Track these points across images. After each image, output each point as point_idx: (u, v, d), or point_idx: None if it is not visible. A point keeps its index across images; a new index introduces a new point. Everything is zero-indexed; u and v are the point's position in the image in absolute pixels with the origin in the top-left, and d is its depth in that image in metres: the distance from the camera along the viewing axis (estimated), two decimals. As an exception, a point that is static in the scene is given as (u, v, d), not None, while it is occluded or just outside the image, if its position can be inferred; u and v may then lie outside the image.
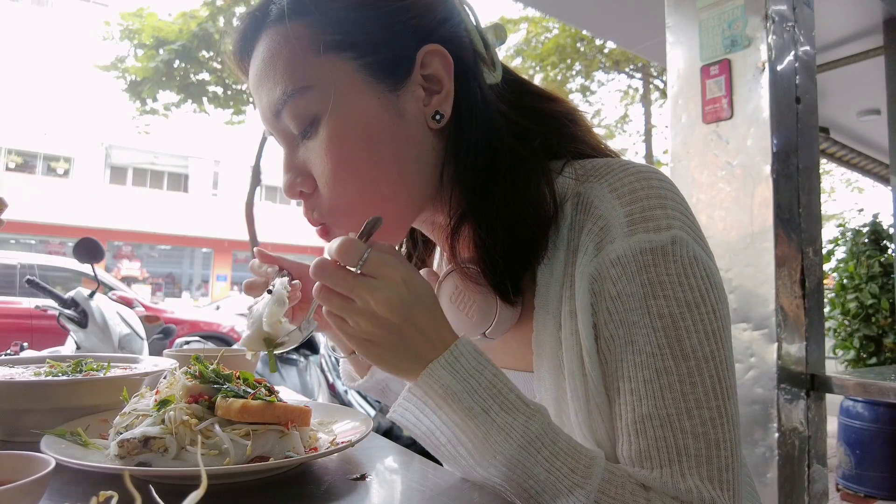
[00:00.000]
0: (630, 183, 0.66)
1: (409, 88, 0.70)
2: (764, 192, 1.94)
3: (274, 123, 0.72)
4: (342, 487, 0.65)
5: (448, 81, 0.70)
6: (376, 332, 0.61)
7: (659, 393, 0.61)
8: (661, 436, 0.61)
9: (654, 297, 0.62)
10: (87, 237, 2.14)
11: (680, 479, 0.60)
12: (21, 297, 6.62)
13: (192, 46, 9.32)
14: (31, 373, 0.86)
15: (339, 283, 0.60)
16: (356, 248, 0.60)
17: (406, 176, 0.71)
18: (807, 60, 2.08)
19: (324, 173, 0.69)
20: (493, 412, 0.60)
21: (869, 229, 4.94)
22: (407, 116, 0.70)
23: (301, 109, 0.68)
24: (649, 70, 12.69)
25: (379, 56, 0.69)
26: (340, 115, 0.68)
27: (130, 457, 0.61)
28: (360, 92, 0.68)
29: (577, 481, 0.59)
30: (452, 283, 0.77)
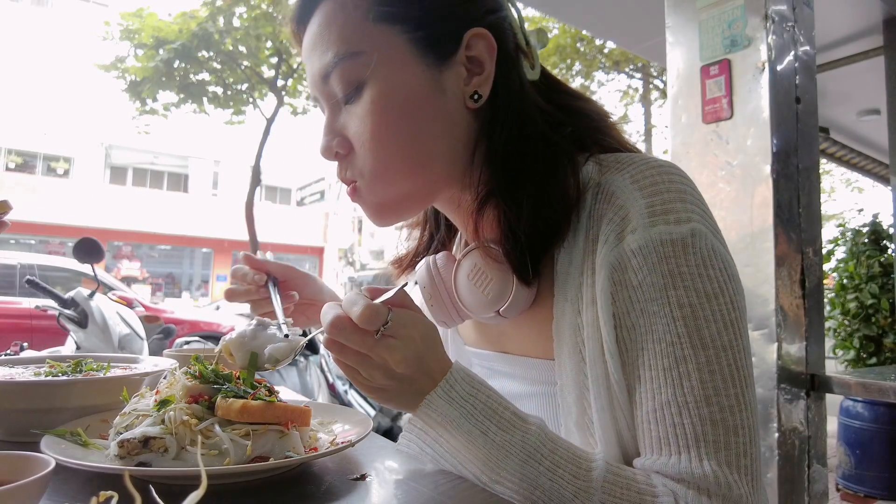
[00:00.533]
0: (651, 176, 0.68)
1: (452, 67, 0.73)
2: (764, 192, 1.94)
3: (321, 87, 0.75)
4: (342, 487, 0.65)
5: (490, 65, 0.74)
6: (390, 384, 0.64)
7: (678, 381, 0.63)
8: (679, 422, 0.62)
9: (674, 287, 0.64)
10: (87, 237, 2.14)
11: (698, 464, 0.61)
12: (21, 297, 6.62)
13: (191, 46, 9.33)
14: (31, 373, 0.86)
15: (357, 343, 0.62)
16: (380, 316, 0.61)
17: (439, 148, 0.74)
18: (807, 60, 2.08)
19: (362, 135, 0.72)
20: (491, 433, 0.63)
21: (869, 229, 4.94)
22: (447, 92, 0.73)
23: (349, 74, 0.72)
24: (649, 70, 12.69)
25: (428, 32, 0.72)
26: (385, 82, 0.71)
27: (130, 457, 0.61)
28: (405, 63, 0.71)
29: (580, 486, 0.61)
30: (472, 261, 0.78)
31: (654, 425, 0.64)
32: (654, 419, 0.64)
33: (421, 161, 0.73)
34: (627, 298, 0.66)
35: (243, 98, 10.36)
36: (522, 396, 0.81)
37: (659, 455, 0.64)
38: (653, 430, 0.64)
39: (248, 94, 10.33)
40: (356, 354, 0.63)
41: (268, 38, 9.51)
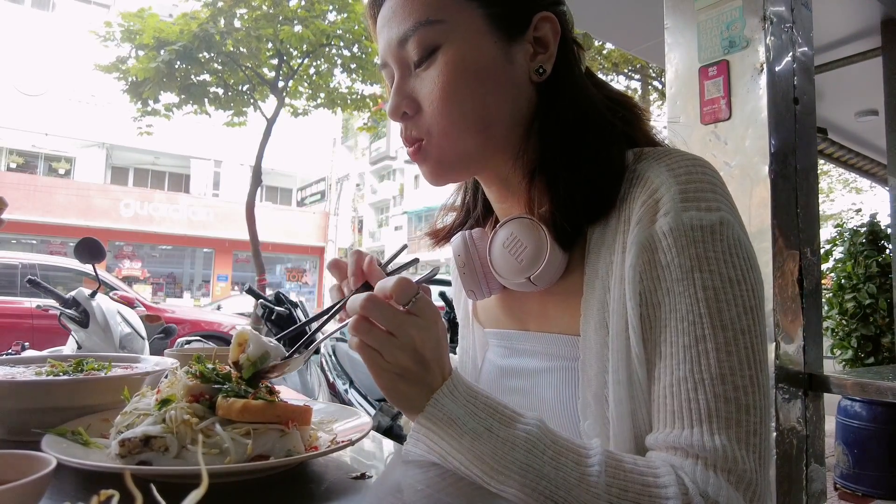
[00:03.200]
0: (685, 166, 0.72)
1: (520, 43, 0.79)
2: (762, 193, 1.94)
3: (397, 52, 0.79)
4: (342, 486, 0.66)
5: (553, 47, 0.80)
6: (411, 368, 0.65)
7: (696, 358, 0.65)
8: (693, 397, 0.65)
9: (700, 269, 0.67)
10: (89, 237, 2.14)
11: (709, 438, 0.63)
12: (22, 296, 6.62)
13: (192, 47, 9.32)
14: (32, 372, 0.87)
15: (389, 318, 0.64)
16: (411, 288, 0.64)
17: (502, 114, 0.79)
18: (805, 61, 2.08)
19: (432, 95, 0.77)
20: (495, 429, 0.65)
21: (867, 229, 4.94)
22: (515, 64, 0.79)
23: (426, 39, 0.76)
24: (648, 71, 12.67)
25: (502, 10, 0.78)
26: (459, 48, 0.76)
27: (131, 456, 0.61)
28: (479, 34, 0.77)
29: (583, 472, 0.63)
30: (509, 230, 0.83)
31: (670, 399, 0.66)
32: (670, 393, 0.66)
33: (485, 123, 0.78)
34: (655, 277, 0.69)
35: (244, 99, 10.34)
36: (541, 371, 0.83)
37: (671, 429, 0.66)
38: (667, 404, 0.67)
39: (249, 95, 10.32)
40: (383, 334, 0.64)
41: (269, 40, 9.50)
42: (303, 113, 11.15)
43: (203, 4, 9.68)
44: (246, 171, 20.05)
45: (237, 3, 9.47)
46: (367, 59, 10.06)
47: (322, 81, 10.56)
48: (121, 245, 21.38)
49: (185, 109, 10.36)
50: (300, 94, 10.82)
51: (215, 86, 10.16)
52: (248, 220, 9.71)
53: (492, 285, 0.87)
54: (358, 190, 35.88)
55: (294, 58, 10.04)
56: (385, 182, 36.12)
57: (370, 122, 12.21)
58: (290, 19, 9.57)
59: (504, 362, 0.91)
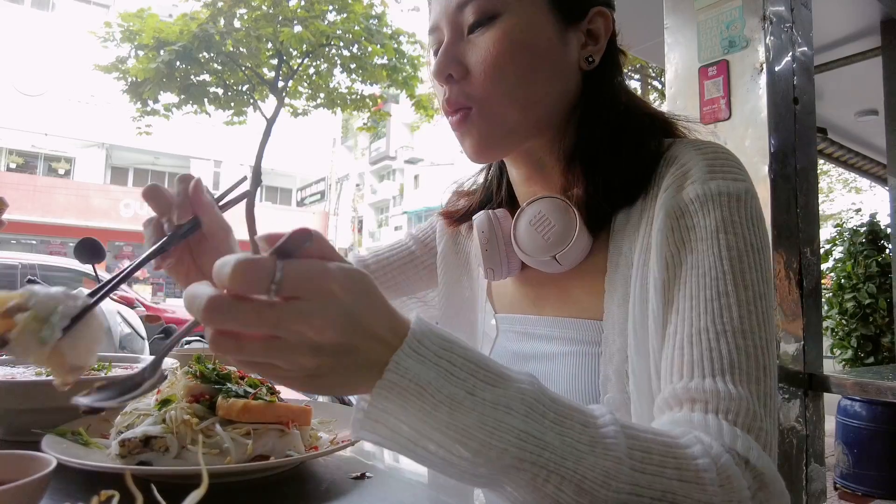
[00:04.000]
0: (713, 146, 0.75)
1: (574, 31, 0.81)
2: (762, 193, 1.94)
3: (453, 14, 0.79)
4: (343, 486, 0.66)
5: (603, 41, 0.82)
6: (323, 363, 0.46)
7: (718, 311, 0.65)
8: (715, 347, 0.63)
9: (724, 231, 0.68)
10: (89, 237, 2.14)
11: (733, 387, 0.60)
12: (22, 297, 6.60)
13: (192, 47, 9.31)
14: (32, 372, 0.87)
15: (251, 321, 0.42)
16: (262, 267, 0.42)
17: (549, 94, 0.80)
18: (804, 61, 2.08)
19: (485, 63, 0.77)
20: (479, 391, 0.49)
21: (866, 229, 4.94)
22: (568, 47, 0.80)
23: (487, 4, 0.77)
24: (647, 71, 12.67)
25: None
26: (518, 22, 0.77)
27: (132, 456, 0.61)
28: (540, 12, 0.78)
29: (594, 435, 0.51)
30: (537, 208, 0.83)
31: (689, 349, 0.64)
32: (690, 343, 0.64)
33: (532, 100, 0.79)
34: (680, 239, 0.70)
35: (244, 99, 10.34)
36: (557, 356, 0.83)
37: (689, 378, 0.62)
38: (685, 353, 0.64)
39: (248, 95, 10.31)
40: (262, 341, 0.44)
41: (268, 40, 9.50)
42: (302, 113, 11.14)
43: (203, 5, 9.67)
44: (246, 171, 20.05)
45: (237, 3, 9.47)
46: (366, 59, 10.05)
47: (322, 81, 10.55)
48: (121, 245, 21.37)
49: (184, 109, 10.35)
50: (300, 94, 10.82)
51: (215, 86, 10.15)
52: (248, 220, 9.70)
53: (512, 265, 0.88)
54: (358, 190, 35.87)
55: (294, 58, 10.03)
56: (385, 182, 36.12)
57: (370, 122, 12.21)
58: (290, 19, 9.57)
59: (517, 346, 0.90)
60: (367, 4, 9.78)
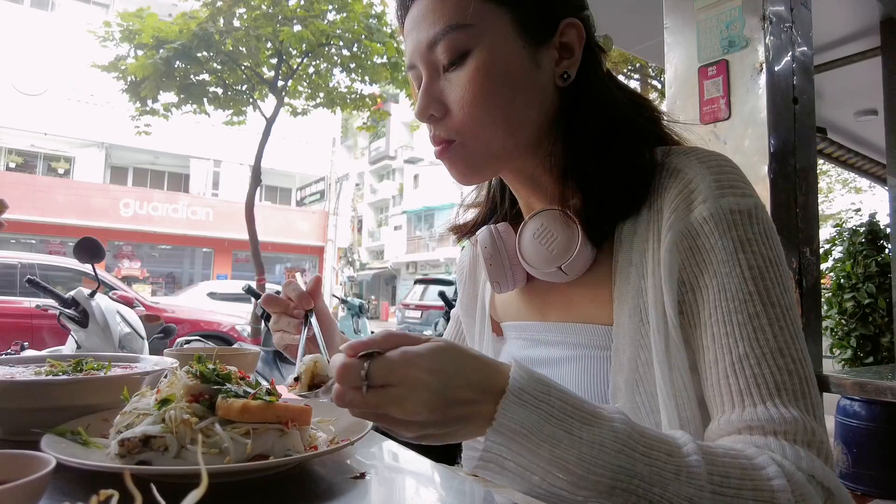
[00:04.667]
0: (715, 158, 0.76)
1: (546, 49, 0.81)
2: (761, 192, 1.94)
3: (426, 55, 0.80)
4: (342, 486, 0.66)
5: (578, 52, 0.82)
6: (425, 432, 0.58)
7: (753, 335, 0.66)
8: (758, 373, 0.64)
9: (743, 251, 0.69)
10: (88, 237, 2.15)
11: (785, 410, 0.63)
12: (22, 296, 6.62)
13: (191, 47, 9.29)
14: (31, 372, 0.87)
15: (359, 404, 0.56)
16: (352, 370, 0.55)
17: (530, 116, 0.81)
18: (804, 61, 2.08)
19: (462, 98, 0.78)
20: (576, 431, 0.57)
21: (866, 229, 4.94)
22: (541, 68, 0.81)
23: (457, 43, 0.78)
24: (647, 71, 12.67)
25: (530, 16, 0.80)
26: (489, 53, 0.77)
27: (131, 456, 0.61)
28: (508, 39, 0.78)
29: (678, 464, 0.58)
30: (539, 221, 0.85)
31: (734, 378, 0.66)
32: (734, 372, 0.66)
33: (513, 127, 0.80)
34: (700, 262, 0.71)
35: (243, 98, 10.33)
36: (563, 361, 0.85)
37: (742, 408, 0.65)
38: (732, 384, 0.66)
39: (248, 95, 10.30)
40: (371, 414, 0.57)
41: (268, 39, 9.49)
42: (302, 112, 11.13)
43: (202, 4, 9.65)
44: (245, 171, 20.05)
45: (236, 2, 9.45)
46: (366, 59, 10.04)
47: (321, 81, 10.54)
48: (120, 245, 21.37)
49: (184, 109, 10.33)
50: (299, 94, 10.80)
51: (214, 85, 10.14)
52: (248, 220, 9.69)
53: (517, 277, 0.89)
54: (357, 190, 35.85)
55: (293, 57, 10.02)
56: (384, 182, 36.12)
57: (369, 122, 12.20)
58: (290, 19, 9.56)
59: (523, 353, 0.92)
60: (366, 4, 9.76)
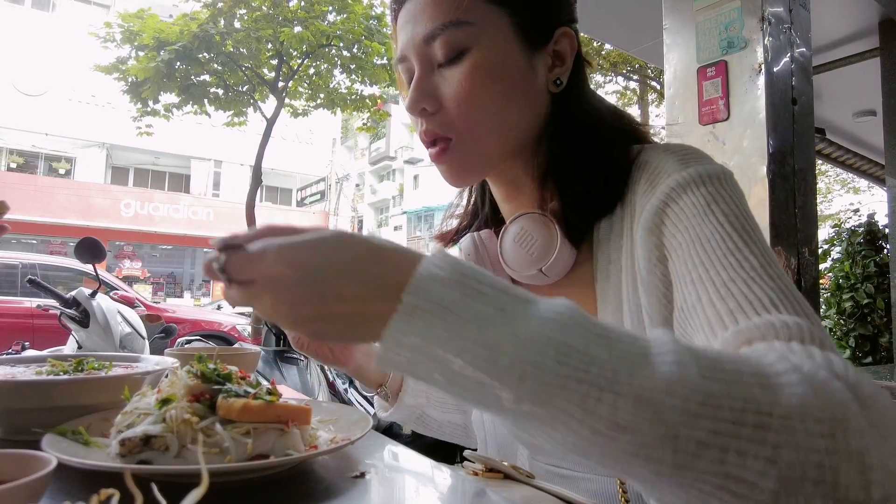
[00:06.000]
0: (680, 145, 0.77)
1: (541, 54, 0.82)
2: (760, 193, 1.95)
3: (421, 49, 0.80)
4: (342, 485, 0.66)
5: (569, 61, 0.83)
6: (308, 329, 0.50)
7: (737, 262, 0.61)
8: (748, 291, 0.58)
9: (716, 202, 0.67)
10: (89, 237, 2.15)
11: (787, 316, 0.53)
12: (23, 296, 6.62)
13: (192, 48, 9.29)
14: (32, 372, 0.87)
15: (230, 300, 0.52)
16: (210, 260, 0.52)
17: (522, 120, 0.81)
18: (803, 62, 2.09)
19: (458, 95, 0.78)
20: (510, 306, 0.45)
21: (864, 229, 4.94)
22: (536, 72, 0.81)
23: (455, 39, 0.77)
24: (646, 72, 12.67)
25: (530, 20, 0.80)
26: (488, 52, 0.77)
27: (132, 455, 0.61)
28: (507, 40, 0.79)
29: (647, 346, 0.44)
30: (519, 225, 0.85)
31: (723, 301, 0.58)
32: (721, 297, 0.58)
33: (507, 127, 0.80)
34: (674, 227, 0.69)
35: (244, 99, 10.32)
36: None
37: (736, 323, 0.56)
38: (721, 307, 0.58)
39: (248, 96, 10.29)
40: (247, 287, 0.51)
41: (268, 40, 9.49)
42: (302, 113, 11.12)
43: (203, 5, 9.65)
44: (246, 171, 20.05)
45: (237, 3, 9.45)
46: (366, 60, 10.03)
47: (322, 82, 10.53)
48: (121, 245, 21.37)
49: (184, 110, 10.33)
50: (300, 95, 10.80)
51: (215, 86, 10.14)
52: (248, 220, 9.68)
53: None
54: (357, 190, 35.84)
55: (294, 58, 10.01)
56: (384, 182, 36.11)
57: (369, 123, 12.19)
58: (290, 20, 9.56)
59: None
60: (366, 4, 9.77)
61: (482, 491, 0.66)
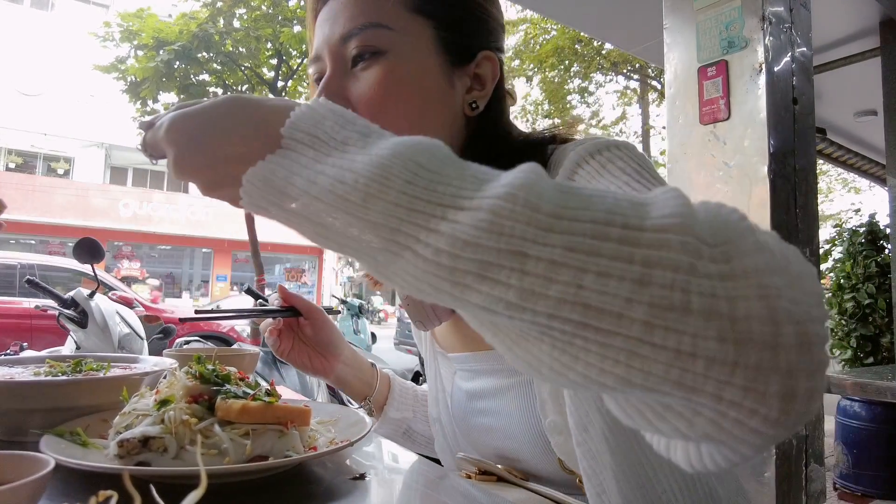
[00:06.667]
0: (589, 136, 0.73)
1: (461, 74, 0.79)
2: (761, 193, 1.94)
3: (336, 47, 0.75)
4: (341, 487, 0.66)
5: (490, 86, 0.80)
6: (221, 193, 0.49)
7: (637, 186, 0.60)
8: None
9: (612, 162, 0.65)
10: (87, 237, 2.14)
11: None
12: (21, 297, 6.62)
13: (191, 47, 9.31)
14: (30, 373, 0.86)
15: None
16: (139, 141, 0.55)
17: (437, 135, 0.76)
18: (804, 62, 2.08)
19: (369, 101, 0.73)
20: (375, 133, 0.44)
21: (866, 229, 4.94)
22: (455, 90, 0.78)
23: (372, 39, 0.73)
24: (647, 71, 12.67)
25: (454, 36, 0.77)
26: (405, 59, 0.74)
27: (130, 456, 0.61)
28: (427, 53, 0.76)
29: (495, 173, 0.41)
30: None
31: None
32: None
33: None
34: None
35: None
36: (501, 390, 0.83)
37: None
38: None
39: (247, 95, 10.32)
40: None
41: (268, 40, 9.50)
42: (302, 113, 11.15)
43: (202, 5, 9.67)
44: (245, 172, 20.01)
45: (236, 3, 9.46)
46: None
47: (321, 81, 10.57)
48: (120, 245, 21.36)
49: (184, 109, 10.36)
50: (299, 95, 10.82)
51: (214, 86, 10.15)
52: (247, 220, 9.70)
53: (439, 312, 0.80)
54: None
55: (293, 58, 10.03)
56: (384, 182, 36.15)
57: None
58: (290, 19, 9.57)
59: (469, 385, 0.90)
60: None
61: (482, 492, 0.65)
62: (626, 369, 0.33)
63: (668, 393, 0.33)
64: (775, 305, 0.33)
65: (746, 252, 0.35)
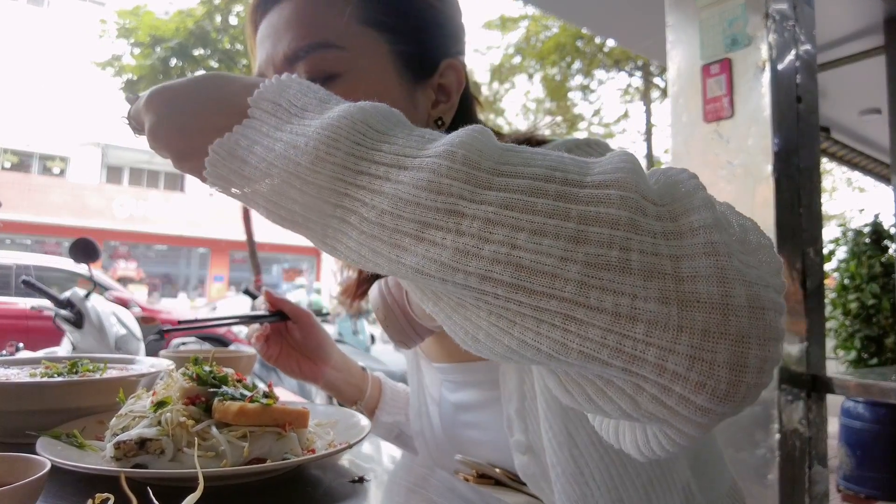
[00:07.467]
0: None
1: (424, 88, 0.74)
2: (765, 192, 1.93)
3: (281, 68, 0.69)
4: (340, 490, 0.65)
5: (455, 97, 0.76)
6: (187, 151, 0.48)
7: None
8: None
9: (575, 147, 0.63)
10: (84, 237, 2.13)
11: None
12: (17, 297, 6.61)
13: (188, 45, 9.33)
14: (26, 374, 0.86)
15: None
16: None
17: None
18: (808, 59, 2.08)
19: None
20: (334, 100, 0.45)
21: (870, 229, 4.94)
22: (418, 108, 0.73)
23: (324, 63, 0.67)
24: (650, 69, 12.70)
25: (412, 49, 0.72)
26: (362, 82, 0.68)
27: (127, 458, 0.61)
28: (385, 71, 0.70)
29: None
30: None
31: None
32: None
33: None
34: None
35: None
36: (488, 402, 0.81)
37: None
38: None
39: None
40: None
41: (266, 38, 9.53)
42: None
43: (199, 2, 9.68)
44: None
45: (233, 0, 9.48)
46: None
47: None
48: (116, 245, 21.38)
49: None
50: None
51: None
52: (244, 220, 9.71)
53: (419, 330, 0.76)
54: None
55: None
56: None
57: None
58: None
59: (454, 397, 0.88)
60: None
61: (481, 495, 0.64)
62: (563, 333, 0.31)
63: (607, 362, 0.32)
64: (724, 265, 0.31)
65: (695, 208, 0.33)
